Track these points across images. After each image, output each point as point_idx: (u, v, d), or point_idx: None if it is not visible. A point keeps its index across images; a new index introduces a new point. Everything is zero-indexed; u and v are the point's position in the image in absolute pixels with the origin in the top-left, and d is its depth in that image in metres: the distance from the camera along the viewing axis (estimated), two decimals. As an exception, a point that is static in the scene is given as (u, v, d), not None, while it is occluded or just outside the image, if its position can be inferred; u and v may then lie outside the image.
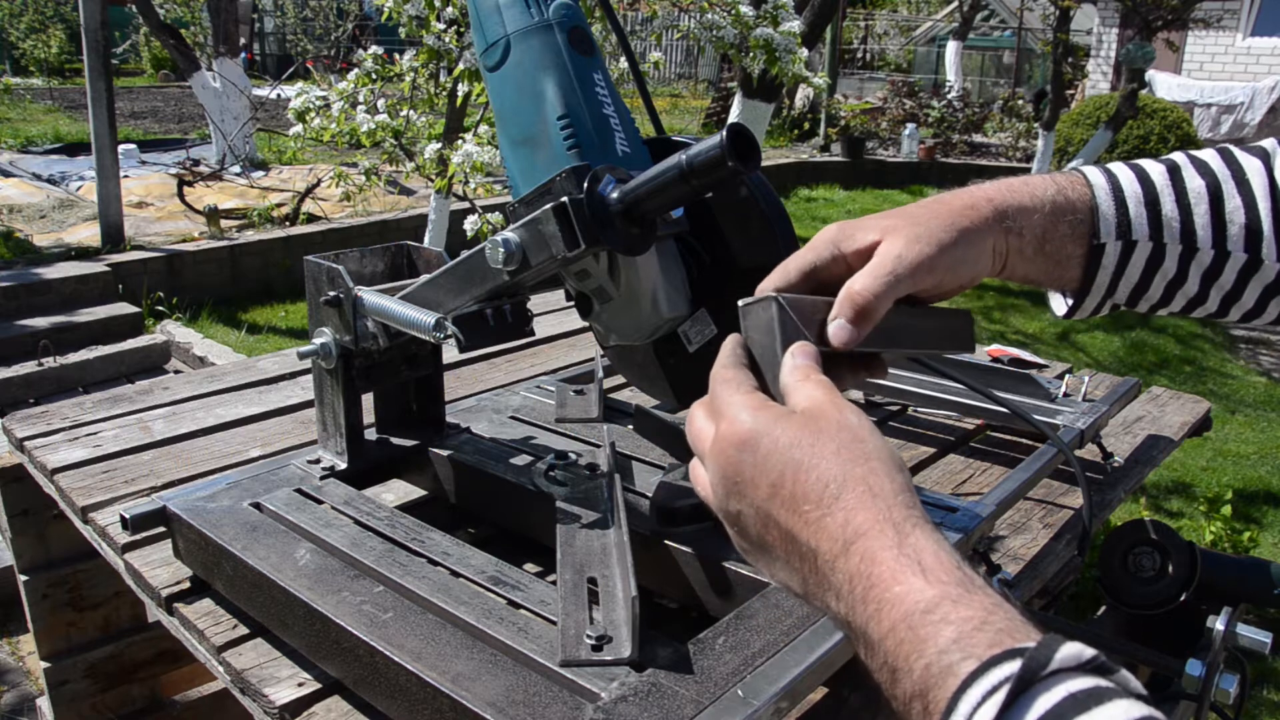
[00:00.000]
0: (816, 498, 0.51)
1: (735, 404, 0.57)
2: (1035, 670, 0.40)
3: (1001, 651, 0.42)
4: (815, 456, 0.52)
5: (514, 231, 0.88)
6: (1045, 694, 0.40)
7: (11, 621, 2.70)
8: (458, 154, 2.97)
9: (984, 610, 0.45)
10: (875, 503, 0.50)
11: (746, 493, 0.54)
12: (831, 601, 0.50)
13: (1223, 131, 10.71)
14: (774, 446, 0.53)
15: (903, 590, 0.46)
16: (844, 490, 0.50)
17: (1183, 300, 0.75)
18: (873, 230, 0.67)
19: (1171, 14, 7.24)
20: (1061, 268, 0.73)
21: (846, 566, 0.49)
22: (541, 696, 0.75)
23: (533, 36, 0.90)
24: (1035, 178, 0.72)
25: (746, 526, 0.55)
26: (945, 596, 0.45)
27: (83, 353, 4.60)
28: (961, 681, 0.42)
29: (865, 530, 0.49)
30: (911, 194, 10.22)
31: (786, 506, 0.52)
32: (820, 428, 0.53)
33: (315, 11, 14.61)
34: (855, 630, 0.49)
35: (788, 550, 0.53)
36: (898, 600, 0.46)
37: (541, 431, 1.27)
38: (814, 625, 0.84)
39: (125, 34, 15.03)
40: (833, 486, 0.51)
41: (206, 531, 0.99)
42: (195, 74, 7.91)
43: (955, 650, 0.43)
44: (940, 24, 17.45)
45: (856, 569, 0.48)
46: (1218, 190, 0.72)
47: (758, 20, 3.15)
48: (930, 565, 0.47)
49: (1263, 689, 2.63)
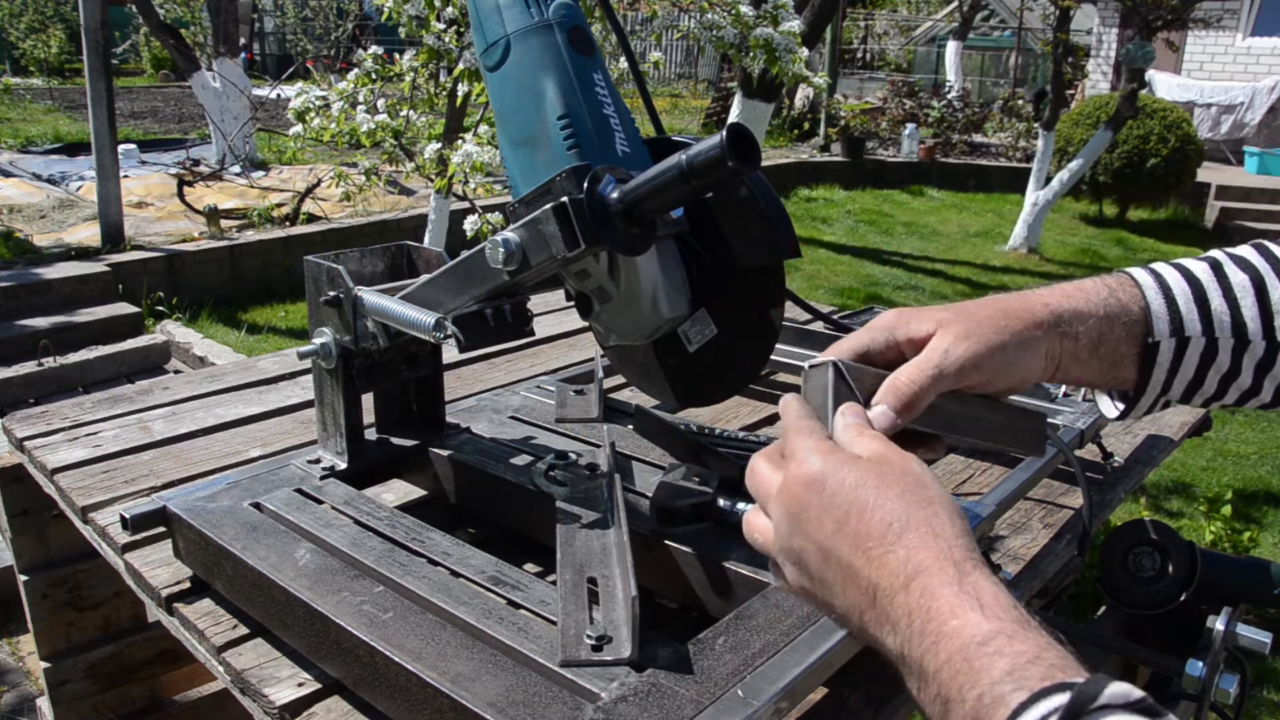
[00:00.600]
0: (880, 535, 0.53)
1: (805, 448, 0.60)
2: (1084, 703, 0.42)
3: (1052, 684, 0.43)
4: (881, 498, 0.54)
5: (514, 231, 0.88)
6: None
7: (11, 621, 2.70)
8: (458, 154, 2.97)
9: (1038, 647, 0.46)
10: (937, 543, 0.52)
11: (811, 530, 0.57)
12: (888, 636, 0.52)
13: (1223, 131, 10.71)
14: (840, 486, 0.56)
15: (960, 624, 0.48)
16: (907, 530, 0.53)
17: (1236, 393, 0.76)
18: (928, 321, 0.69)
19: (1171, 14, 7.24)
20: (1116, 369, 0.74)
21: (906, 601, 0.51)
22: (541, 696, 0.75)
23: (533, 36, 0.90)
24: (1088, 281, 0.74)
25: (808, 563, 0.57)
26: (1001, 631, 0.47)
27: (83, 353, 4.60)
28: (1012, 711, 0.43)
29: (926, 567, 0.51)
30: (911, 194, 10.22)
31: (850, 543, 0.54)
32: (885, 472, 0.56)
33: (315, 11, 14.62)
34: (910, 663, 0.50)
35: (846, 585, 0.55)
36: (955, 633, 0.48)
37: (541, 431, 1.27)
38: (814, 625, 0.84)
39: (125, 34, 15.04)
40: (896, 526, 0.53)
41: (206, 531, 0.99)
42: (195, 74, 7.92)
43: (1008, 682, 0.44)
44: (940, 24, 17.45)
45: (916, 603, 0.50)
46: (1261, 283, 0.73)
47: (758, 20, 3.15)
48: (988, 602, 0.48)
49: (1263, 689, 2.63)
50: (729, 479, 1.03)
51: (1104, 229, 9.12)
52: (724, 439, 1.25)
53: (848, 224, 8.82)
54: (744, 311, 0.97)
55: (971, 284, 7.04)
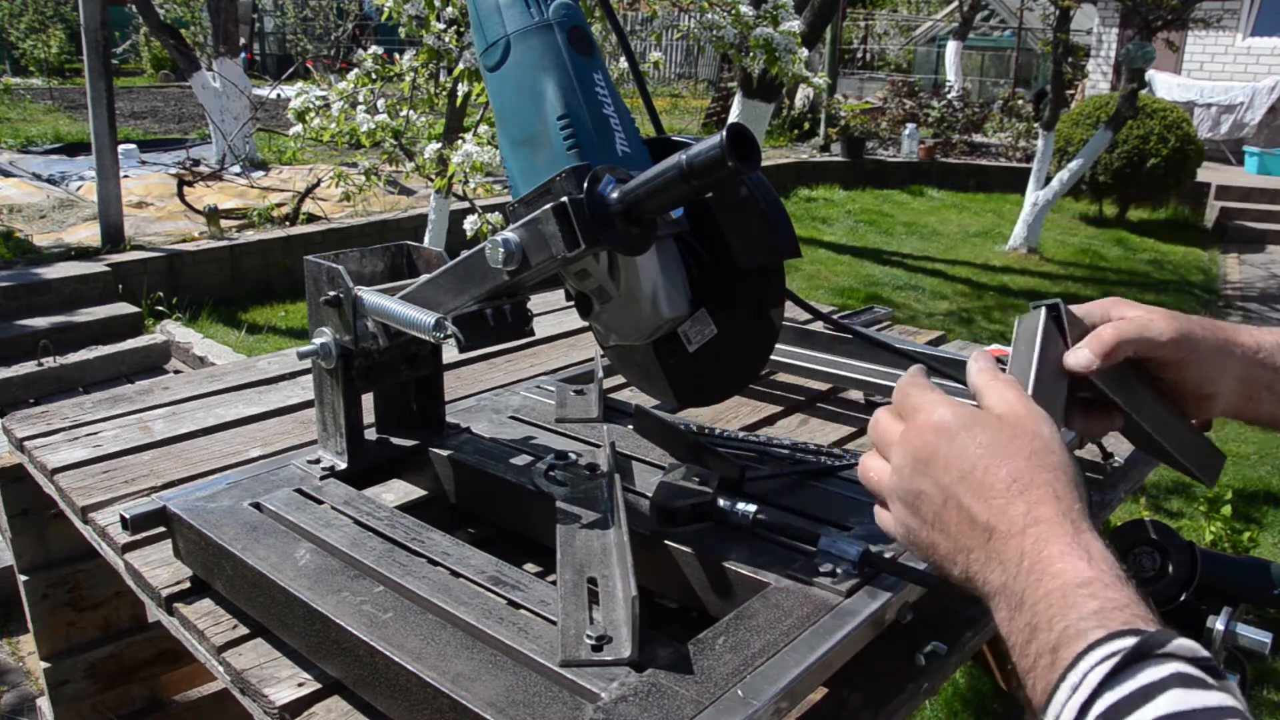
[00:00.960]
0: (1004, 489, 0.58)
1: (933, 400, 0.64)
2: (1151, 648, 0.46)
3: (1129, 629, 0.48)
4: (1009, 455, 0.59)
5: (514, 231, 0.88)
6: (1155, 667, 0.46)
7: (11, 621, 2.70)
8: (458, 154, 2.97)
9: (1128, 599, 0.51)
10: (1057, 504, 0.56)
11: (936, 473, 0.61)
12: (994, 573, 0.56)
13: (1223, 131, 10.71)
14: (971, 440, 0.60)
15: (1065, 567, 0.53)
16: (1030, 488, 0.57)
17: None
18: (1140, 308, 0.76)
19: (1171, 14, 7.24)
20: None
21: (1021, 544, 0.55)
22: (541, 696, 0.75)
23: (533, 36, 0.90)
24: None
25: (924, 503, 0.62)
26: (1099, 579, 0.52)
27: (83, 353, 4.60)
28: (1088, 644, 0.48)
29: (1045, 519, 0.56)
30: (911, 194, 10.22)
31: (973, 491, 0.59)
32: (1016, 434, 0.60)
33: (315, 11, 14.61)
34: (1011, 594, 0.55)
35: (962, 527, 0.59)
36: (1059, 574, 0.53)
37: (541, 431, 1.27)
38: (814, 625, 0.84)
39: (125, 34, 15.03)
40: (1020, 483, 0.57)
41: (206, 531, 0.99)
42: (195, 74, 7.91)
43: (1093, 619, 0.50)
44: (940, 24, 17.45)
45: (1030, 547, 0.55)
46: None
47: (758, 20, 3.15)
48: (1095, 557, 0.53)
49: (1263, 689, 2.63)
50: (729, 479, 1.03)
51: (1104, 229, 9.12)
52: (724, 439, 1.25)
53: (848, 224, 8.82)
54: (744, 311, 0.97)
55: (971, 284, 7.03)
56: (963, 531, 0.59)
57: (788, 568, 0.92)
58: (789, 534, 0.96)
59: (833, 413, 1.60)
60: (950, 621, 1.01)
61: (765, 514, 0.97)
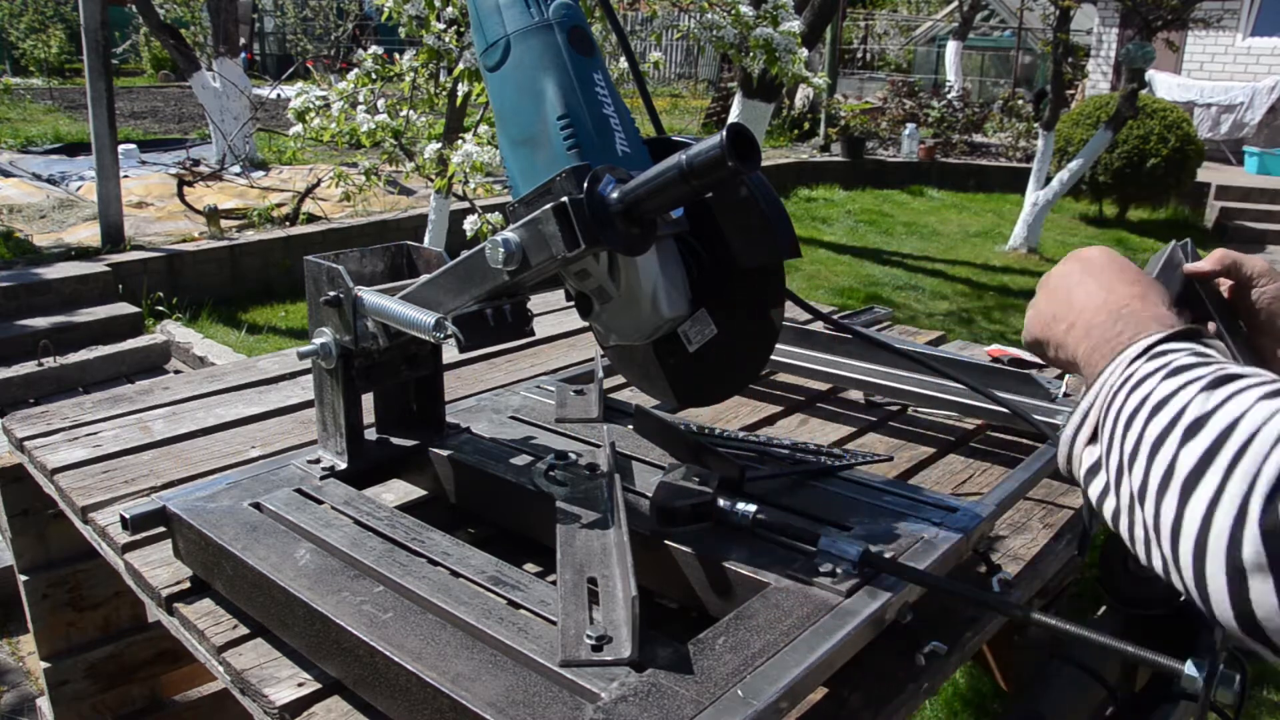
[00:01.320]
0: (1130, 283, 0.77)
1: None
2: (1202, 336, 0.66)
3: (1175, 333, 0.68)
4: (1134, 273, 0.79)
5: (514, 231, 0.88)
6: (1202, 343, 0.66)
7: (11, 621, 2.70)
8: (458, 154, 2.97)
9: (1191, 330, 0.69)
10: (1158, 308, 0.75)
11: (1084, 254, 0.82)
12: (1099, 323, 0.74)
13: (1223, 131, 10.71)
14: (1110, 259, 0.81)
15: (1149, 314, 0.72)
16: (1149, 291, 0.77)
17: None
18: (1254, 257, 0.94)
19: (1171, 14, 7.24)
20: None
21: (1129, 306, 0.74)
22: (541, 696, 0.75)
23: (533, 36, 0.90)
24: None
25: (1064, 281, 0.80)
26: (1175, 325, 0.70)
27: (83, 353, 4.60)
28: (1148, 335, 0.69)
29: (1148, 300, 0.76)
30: (911, 194, 10.22)
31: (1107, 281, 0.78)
32: (1139, 274, 0.80)
33: (315, 11, 14.61)
34: (1094, 326, 0.74)
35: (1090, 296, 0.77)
36: (1139, 312, 0.72)
37: (541, 431, 1.27)
38: (814, 625, 0.84)
39: (125, 34, 15.04)
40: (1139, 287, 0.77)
41: (206, 531, 0.99)
42: (195, 74, 7.91)
43: (1154, 324, 0.70)
44: (940, 24, 17.45)
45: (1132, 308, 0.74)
46: None
47: (758, 20, 3.15)
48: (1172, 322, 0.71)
49: (1263, 689, 2.63)
50: (729, 479, 1.03)
51: (1104, 229, 9.11)
52: (724, 439, 1.25)
53: (848, 224, 8.82)
54: (744, 311, 0.97)
55: (972, 284, 7.03)
56: (1093, 297, 0.77)
57: (788, 568, 0.92)
58: (789, 534, 0.96)
59: (833, 413, 1.60)
60: (950, 621, 1.01)
61: (765, 514, 0.97)
